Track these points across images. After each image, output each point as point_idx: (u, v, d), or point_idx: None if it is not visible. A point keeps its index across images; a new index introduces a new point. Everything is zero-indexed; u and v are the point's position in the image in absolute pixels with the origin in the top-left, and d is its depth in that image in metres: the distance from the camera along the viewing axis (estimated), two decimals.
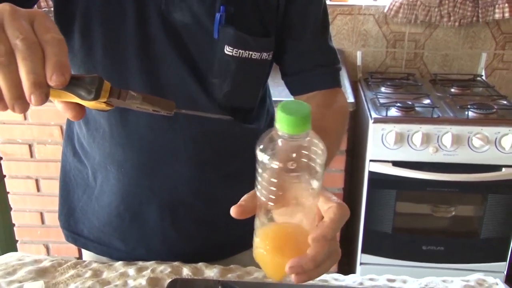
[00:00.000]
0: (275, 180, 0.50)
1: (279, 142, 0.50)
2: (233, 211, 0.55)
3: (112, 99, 0.54)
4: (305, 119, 0.48)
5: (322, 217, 0.55)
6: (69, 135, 0.99)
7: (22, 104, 0.49)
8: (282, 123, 0.49)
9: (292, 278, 0.53)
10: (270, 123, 1.02)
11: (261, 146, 0.51)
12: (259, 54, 0.83)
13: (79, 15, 0.80)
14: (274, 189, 0.51)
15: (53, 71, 0.48)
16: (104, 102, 0.54)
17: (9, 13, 0.49)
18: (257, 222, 0.56)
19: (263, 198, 0.53)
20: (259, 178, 0.52)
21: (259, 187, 0.53)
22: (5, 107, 0.49)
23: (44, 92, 0.48)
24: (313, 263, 0.53)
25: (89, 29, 0.80)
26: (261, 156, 0.50)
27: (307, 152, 0.50)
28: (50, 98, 0.51)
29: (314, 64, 0.91)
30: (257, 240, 0.56)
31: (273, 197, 0.51)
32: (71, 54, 0.82)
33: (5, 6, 0.50)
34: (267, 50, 0.85)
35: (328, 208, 0.54)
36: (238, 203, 0.56)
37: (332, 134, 0.84)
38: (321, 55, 0.92)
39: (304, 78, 0.92)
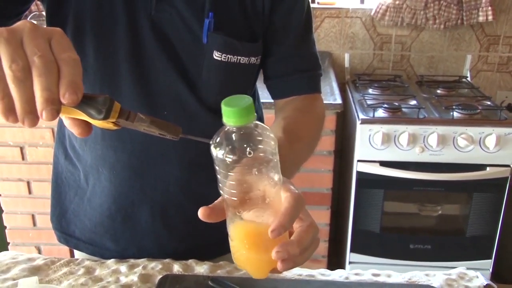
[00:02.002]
0: (232, 174, 0.53)
1: (229, 136, 0.53)
2: (200, 213, 0.56)
3: (121, 120, 0.55)
4: (247, 109, 0.52)
5: None
6: (60, 137, 1.00)
7: (33, 119, 0.50)
8: (227, 117, 0.52)
9: (278, 266, 0.54)
10: None
11: (214, 143, 0.53)
12: (247, 58, 0.85)
13: (71, 18, 0.82)
14: (233, 183, 0.53)
15: (67, 90, 0.49)
16: (112, 122, 0.55)
17: (29, 29, 0.50)
18: (229, 226, 0.57)
19: (226, 196, 0.54)
20: (218, 177, 0.54)
21: (220, 185, 0.55)
22: (16, 120, 0.50)
23: (55, 109, 0.49)
24: (298, 248, 0.54)
25: (81, 33, 0.82)
26: (215, 152, 0.53)
27: (257, 142, 0.53)
28: (63, 115, 0.52)
29: (293, 69, 0.92)
30: (234, 244, 0.57)
31: (235, 191, 0.53)
32: None
33: (26, 23, 0.52)
34: (255, 54, 0.87)
35: (284, 198, 0.56)
36: (208, 206, 0.57)
37: (304, 139, 0.85)
38: (301, 60, 0.93)
39: (283, 83, 0.93)
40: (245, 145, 0.52)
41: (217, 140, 0.53)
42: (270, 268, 0.56)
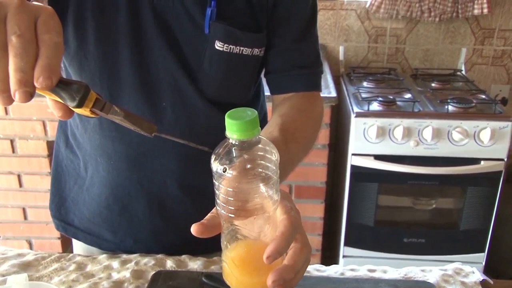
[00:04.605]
0: (231, 189, 0.51)
1: (232, 150, 0.51)
2: (194, 230, 0.55)
3: (95, 110, 0.54)
4: (251, 123, 0.50)
5: None
6: (62, 125, 1.00)
7: (7, 98, 0.49)
8: (230, 130, 0.50)
9: None
10: (263, 120, 1.02)
11: (214, 157, 0.52)
12: (250, 49, 0.84)
13: (73, 5, 0.80)
14: (231, 198, 0.51)
15: (41, 73, 0.48)
16: (90, 111, 0.54)
17: (16, 5, 0.49)
18: (223, 245, 0.56)
19: (223, 211, 0.53)
20: (216, 192, 0.53)
21: (218, 201, 0.53)
22: None
23: (28, 91, 0.48)
24: (293, 272, 0.53)
25: (82, 20, 0.81)
26: (215, 166, 0.52)
27: (259, 157, 0.51)
28: (40, 93, 0.51)
29: (292, 64, 0.90)
30: (226, 265, 0.56)
31: (232, 207, 0.52)
32: (65, 45, 0.82)
33: None
34: (258, 46, 0.85)
35: (280, 221, 0.54)
36: (201, 221, 0.56)
37: (300, 140, 0.83)
38: (301, 56, 0.91)
39: (281, 78, 0.91)
40: (245, 161, 0.51)
41: (218, 154, 0.52)
42: None
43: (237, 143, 0.51)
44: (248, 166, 0.51)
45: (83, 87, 0.52)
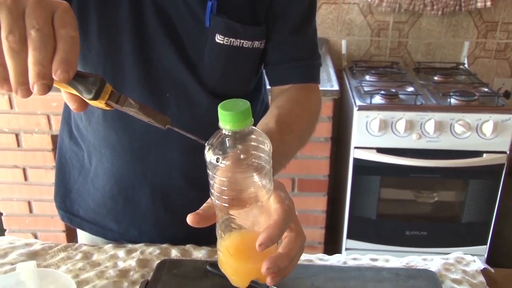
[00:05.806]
0: (225, 179, 0.52)
1: (224, 140, 0.52)
2: (189, 219, 0.56)
3: (110, 102, 0.55)
4: (244, 114, 0.51)
5: None
6: (65, 118, 1.01)
7: (26, 90, 0.50)
8: (223, 121, 0.51)
9: (267, 281, 0.54)
10: (264, 111, 1.03)
11: (208, 147, 0.53)
12: (250, 42, 0.85)
13: None
14: (225, 188, 0.52)
15: (59, 67, 0.49)
16: (104, 103, 0.55)
17: (33, 0, 0.50)
18: (217, 233, 0.57)
19: (217, 201, 0.54)
20: (211, 182, 0.54)
21: (212, 190, 0.54)
22: (10, 90, 0.50)
23: (46, 84, 0.49)
24: (287, 260, 0.54)
25: (85, 14, 0.82)
26: (209, 157, 0.53)
27: (252, 148, 0.52)
28: (56, 86, 0.52)
29: (289, 56, 0.91)
30: (221, 252, 0.57)
31: (226, 197, 0.53)
32: None
33: None
34: (258, 38, 0.86)
35: (274, 209, 0.55)
36: (196, 211, 0.57)
37: (296, 131, 0.84)
38: (298, 49, 0.91)
39: (279, 70, 0.92)
40: (238, 151, 0.52)
41: (211, 144, 0.53)
42: (253, 278, 0.56)
43: (230, 133, 0.52)
44: (241, 156, 0.52)
45: (99, 79, 0.54)
